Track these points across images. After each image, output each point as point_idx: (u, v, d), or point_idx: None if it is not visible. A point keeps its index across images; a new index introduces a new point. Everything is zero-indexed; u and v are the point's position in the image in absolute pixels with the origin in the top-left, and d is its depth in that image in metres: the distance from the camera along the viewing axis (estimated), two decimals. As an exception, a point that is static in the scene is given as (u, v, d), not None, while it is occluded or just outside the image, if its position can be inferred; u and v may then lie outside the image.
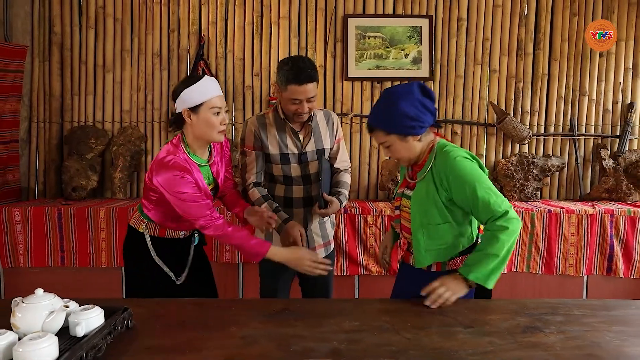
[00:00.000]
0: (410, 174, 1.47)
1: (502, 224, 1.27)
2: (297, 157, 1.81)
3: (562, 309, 1.28)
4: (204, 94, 1.48)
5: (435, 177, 1.34)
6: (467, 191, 1.29)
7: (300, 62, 1.66)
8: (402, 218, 1.49)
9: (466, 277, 1.28)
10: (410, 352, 0.99)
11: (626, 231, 2.67)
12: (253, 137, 1.80)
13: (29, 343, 0.84)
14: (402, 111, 1.30)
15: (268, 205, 1.77)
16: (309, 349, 1.00)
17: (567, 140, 3.24)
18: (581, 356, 0.98)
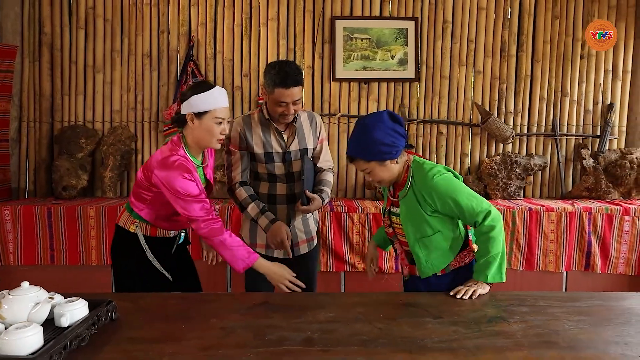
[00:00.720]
0: (392, 193, 1.58)
1: (490, 223, 1.41)
2: (281, 156, 1.87)
3: (529, 300, 1.34)
4: (211, 104, 1.53)
5: (417, 194, 1.46)
6: (451, 204, 1.42)
7: (286, 67, 1.73)
8: (396, 235, 1.58)
9: (485, 282, 1.41)
10: (379, 341, 1.05)
11: (603, 228, 2.76)
12: (238, 137, 1.84)
13: (15, 332, 0.88)
14: (377, 140, 1.42)
15: (255, 206, 1.82)
16: (284, 337, 1.05)
17: (549, 140, 3.33)
18: (538, 343, 1.04)
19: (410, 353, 0.99)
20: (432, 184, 1.42)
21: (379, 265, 1.95)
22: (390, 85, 3.27)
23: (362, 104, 3.28)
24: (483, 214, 1.41)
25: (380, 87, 3.27)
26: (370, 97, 3.27)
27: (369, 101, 3.27)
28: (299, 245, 1.95)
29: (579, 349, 1.02)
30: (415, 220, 1.47)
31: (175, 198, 1.52)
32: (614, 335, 1.10)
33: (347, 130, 3.27)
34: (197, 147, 1.63)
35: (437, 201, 1.42)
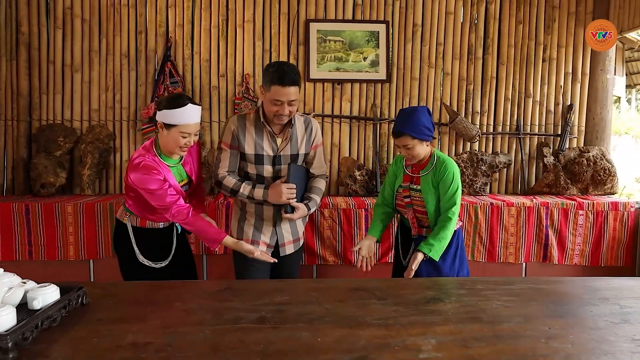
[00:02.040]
0: (411, 171, 1.98)
1: (449, 215, 1.87)
2: (271, 159, 1.88)
3: (468, 284, 1.48)
4: (180, 119, 1.67)
5: (434, 177, 1.91)
6: (447, 187, 1.89)
7: (285, 66, 1.77)
8: (414, 204, 1.97)
9: (428, 254, 1.83)
10: (324, 319, 1.17)
11: (560, 222, 2.93)
12: (231, 136, 1.87)
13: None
14: (424, 124, 1.85)
15: (247, 185, 1.87)
16: (240, 317, 1.17)
17: (513, 138, 3.50)
18: (465, 318, 1.18)
19: (349, 328, 1.11)
20: (448, 176, 1.88)
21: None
22: (363, 86, 3.40)
23: (336, 104, 3.40)
24: (452, 206, 1.87)
25: (353, 87, 3.39)
26: (343, 97, 3.40)
27: (342, 101, 3.40)
28: (284, 245, 1.98)
29: (498, 323, 1.15)
30: (434, 192, 1.91)
31: (147, 194, 1.73)
32: (535, 312, 1.24)
33: (321, 129, 3.38)
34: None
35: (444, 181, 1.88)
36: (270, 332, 1.09)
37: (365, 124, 3.42)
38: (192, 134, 1.72)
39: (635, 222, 2.95)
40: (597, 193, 3.30)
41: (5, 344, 0.92)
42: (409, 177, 1.98)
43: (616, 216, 2.94)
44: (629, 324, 1.16)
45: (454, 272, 2.01)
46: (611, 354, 0.99)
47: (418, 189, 1.93)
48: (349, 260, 2.84)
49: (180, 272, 1.89)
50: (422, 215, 1.97)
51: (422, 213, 1.96)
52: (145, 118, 3.20)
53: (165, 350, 0.98)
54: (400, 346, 1.02)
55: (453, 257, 2.00)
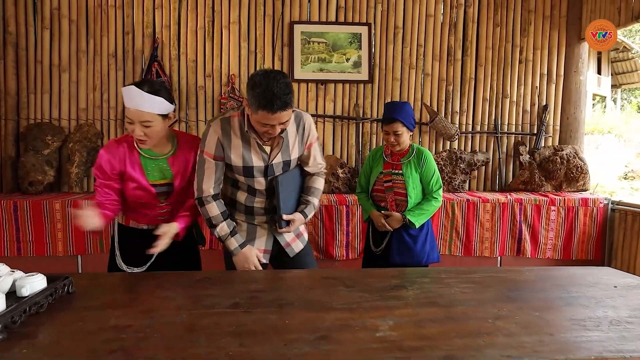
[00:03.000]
0: (392, 159, 2.21)
1: (435, 196, 2.19)
2: (262, 170, 1.66)
3: (432, 274, 1.59)
4: (126, 101, 1.52)
5: (415, 163, 2.17)
6: (431, 174, 2.18)
7: (274, 87, 1.43)
8: (395, 187, 2.19)
9: (413, 222, 2.11)
10: (294, 304, 1.26)
11: (533, 217, 3.07)
12: (215, 145, 1.60)
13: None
14: (412, 115, 2.14)
15: (226, 226, 1.65)
16: (215, 303, 1.26)
17: (491, 137, 3.63)
18: (423, 303, 1.28)
19: (316, 312, 1.21)
20: (429, 161, 2.18)
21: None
22: (346, 86, 3.50)
23: (320, 104, 3.50)
24: (437, 188, 2.19)
25: (336, 88, 3.49)
26: (327, 97, 3.49)
27: (326, 101, 3.50)
28: (290, 245, 1.79)
29: (452, 307, 1.26)
30: (415, 177, 2.16)
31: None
32: (488, 297, 1.35)
33: (305, 128, 3.48)
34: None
35: (427, 169, 2.15)
36: (242, 316, 1.18)
37: (348, 123, 3.52)
38: (137, 123, 1.50)
39: (604, 217, 3.10)
40: (570, 190, 3.44)
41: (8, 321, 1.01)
42: (390, 165, 2.20)
43: (586, 212, 3.08)
44: (571, 307, 1.28)
45: (424, 254, 2.19)
46: (547, 331, 1.10)
47: (400, 173, 2.17)
48: (331, 255, 2.94)
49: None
50: (401, 197, 2.17)
51: (401, 195, 2.17)
52: (133, 117, 3.26)
53: (144, 331, 1.07)
54: (360, 327, 1.12)
55: (424, 241, 2.21)
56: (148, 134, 1.54)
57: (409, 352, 0.99)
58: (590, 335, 1.09)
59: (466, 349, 1.01)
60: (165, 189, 1.66)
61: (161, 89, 1.55)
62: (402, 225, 2.17)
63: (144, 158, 1.63)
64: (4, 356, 0.95)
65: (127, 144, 1.63)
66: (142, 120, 1.51)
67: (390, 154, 2.22)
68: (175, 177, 1.66)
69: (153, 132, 1.55)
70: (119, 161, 1.60)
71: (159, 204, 1.69)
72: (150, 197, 1.65)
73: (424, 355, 0.98)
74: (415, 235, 2.19)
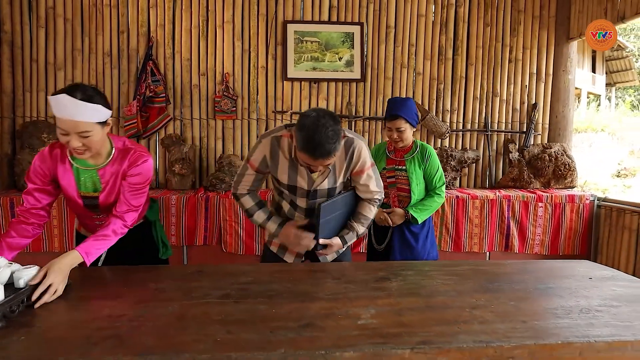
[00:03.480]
0: (395, 155, 2.22)
1: (438, 192, 2.20)
2: (305, 192, 1.68)
3: (417, 267, 1.65)
4: (55, 110, 1.35)
5: (419, 159, 2.18)
6: (435, 170, 2.19)
7: (320, 135, 1.40)
8: (398, 183, 2.20)
9: (416, 218, 2.12)
10: (282, 295, 1.32)
11: (521, 214, 3.13)
12: (260, 160, 1.65)
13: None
14: (415, 112, 2.14)
15: (262, 213, 1.72)
16: (206, 294, 1.31)
17: (481, 135, 3.69)
18: (405, 293, 1.34)
19: (302, 302, 1.26)
20: (433, 157, 2.20)
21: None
22: (338, 85, 3.55)
23: (313, 102, 3.55)
24: (440, 185, 2.20)
25: (329, 86, 3.55)
26: (320, 96, 3.54)
27: (319, 99, 3.55)
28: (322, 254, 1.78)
29: (433, 297, 1.32)
30: (419, 173, 2.18)
31: None
32: (468, 288, 1.41)
33: (298, 126, 3.54)
34: None
35: (431, 165, 2.17)
36: (232, 306, 1.24)
37: (340, 121, 3.56)
38: (74, 134, 1.36)
39: (590, 213, 3.17)
40: (558, 187, 3.51)
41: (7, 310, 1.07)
42: (394, 161, 2.22)
43: (573, 208, 3.15)
44: (545, 297, 1.34)
45: (425, 252, 2.21)
46: (520, 319, 1.17)
47: (403, 169, 2.18)
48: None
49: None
50: (405, 193, 2.19)
51: (404, 191, 2.18)
52: (128, 115, 3.31)
53: (137, 320, 1.13)
54: (344, 315, 1.18)
55: (425, 239, 2.22)
56: (87, 144, 1.39)
57: (388, 338, 1.05)
58: (560, 322, 1.15)
59: (442, 335, 1.07)
60: (92, 202, 1.55)
61: (95, 95, 1.39)
62: (404, 223, 2.16)
63: (76, 168, 1.51)
64: (3, 343, 1.00)
65: (61, 151, 1.50)
66: (79, 131, 1.36)
67: (394, 150, 2.22)
68: (103, 190, 1.53)
69: (92, 142, 1.39)
70: (49, 168, 1.50)
71: (93, 216, 1.60)
72: (80, 209, 1.57)
73: (401, 341, 1.04)
74: (417, 232, 2.19)
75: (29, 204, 1.50)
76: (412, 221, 2.14)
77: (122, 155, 1.54)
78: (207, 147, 3.48)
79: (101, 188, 1.54)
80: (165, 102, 3.37)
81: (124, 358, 0.95)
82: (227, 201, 2.98)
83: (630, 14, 2.94)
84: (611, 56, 19.13)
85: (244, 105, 3.49)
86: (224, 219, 2.97)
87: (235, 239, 2.98)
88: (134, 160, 1.53)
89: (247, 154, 1.75)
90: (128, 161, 1.53)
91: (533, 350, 1.04)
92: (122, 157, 1.54)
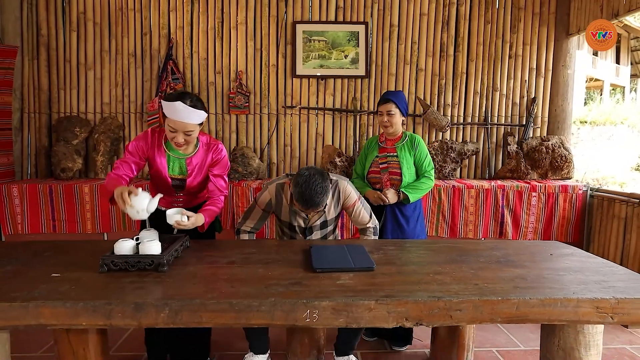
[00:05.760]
0: (386, 144, 2.43)
1: (428, 175, 2.40)
2: (302, 229, 2.04)
3: (399, 243, 1.88)
4: (168, 113, 1.73)
5: (409, 147, 2.39)
6: (424, 157, 2.40)
7: (311, 191, 1.75)
8: (390, 168, 2.40)
9: (408, 196, 2.30)
10: (279, 262, 1.58)
11: (515, 202, 3.31)
12: (266, 202, 2.01)
13: (149, 243, 1.50)
14: (405, 101, 2.41)
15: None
16: (215, 261, 1.59)
17: (481, 128, 3.86)
18: (382, 263, 1.57)
19: (294, 268, 1.52)
20: (422, 145, 2.41)
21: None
22: (344, 81, 3.78)
23: (320, 98, 3.78)
24: (430, 169, 2.41)
25: (335, 83, 3.77)
26: (326, 92, 3.78)
27: (326, 95, 3.78)
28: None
29: (405, 266, 1.55)
30: (409, 159, 2.38)
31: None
32: (438, 259, 1.64)
33: (307, 120, 3.79)
34: None
35: (420, 153, 2.38)
36: (235, 268, 1.51)
37: (346, 115, 3.80)
38: (180, 132, 1.73)
39: (582, 203, 3.32)
40: (555, 178, 3.66)
41: (163, 261, 1.47)
42: (385, 149, 2.43)
43: (566, 197, 3.31)
44: (503, 267, 1.56)
45: (414, 235, 2.40)
46: (473, 282, 1.39)
47: (395, 155, 2.39)
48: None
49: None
50: (396, 176, 2.37)
51: (396, 175, 2.37)
52: (151, 110, 3.63)
53: (159, 277, 1.41)
54: (327, 277, 1.43)
55: (415, 222, 2.42)
56: (188, 140, 1.79)
57: (358, 293, 1.30)
58: (507, 285, 1.38)
59: (404, 292, 1.31)
60: (179, 182, 1.90)
61: (199, 102, 1.78)
62: (397, 205, 2.33)
63: (168, 155, 1.88)
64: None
65: (158, 137, 1.87)
66: (186, 130, 1.74)
67: (385, 140, 2.43)
68: (189, 175, 1.89)
69: (191, 139, 1.80)
70: (147, 147, 1.85)
71: (174, 194, 1.94)
72: (166, 187, 1.91)
73: (369, 295, 1.29)
74: (409, 215, 2.37)
75: (122, 170, 1.81)
76: (404, 201, 2.32)
77: (207, 149, 1.92)
78: (222, 140, 3.76)
79: (187, 173, 1.89)
80: (184, 98, 3.67)
81: (151, 301, 1.23)
82: (240, 189, 3.26)
83: (623, 11, 3.06)
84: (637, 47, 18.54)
85: (256, 100, 3.76)
86: (236, 205, 3.26)
87: (247, 224, 3.27)
88: (215, 152, 1.92)
89: (255, 197, 2.07)
90: (212, 154, 1.92)
91: (477, 304, 1.28)
92: (206, 150, 1.92)
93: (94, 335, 1.81)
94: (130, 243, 1.53)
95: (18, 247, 1.78)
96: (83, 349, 1.80)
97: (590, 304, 1.28)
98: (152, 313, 1.21)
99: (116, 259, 1.47)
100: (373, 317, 1.25)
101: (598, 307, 1.29)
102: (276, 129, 3.78)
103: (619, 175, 9.05)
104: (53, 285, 1.33)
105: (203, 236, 1.94)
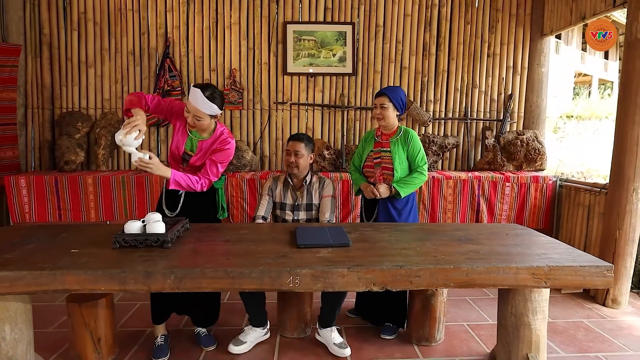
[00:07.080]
0: (381, 139, 2.50)
1: (420, 170, 2.44)
2: (291, 207, 2.46)
3: (375, 226, 2.13)
4: (189, 96, 2.02)
5: (402, 142, 2.44)
6: (417, 151, 2.45)
7: (298, 134, 2.49)
8: (382, 163, 2.47)
9: (399, 191, 2.37)
10: (268, 241, 1.82)
11: (490, 192, 3.57)
12: (268, 187, 2.50)
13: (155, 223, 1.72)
14: (401, 97, 2.44)
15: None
16: (212, 239, 1.82)
17: (461, 123, 4.10)
18: (358, 241, 1.82)
19: (282, 245, 1.76)
20: (415, 139, 2.46)
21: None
22: (333, 79, 4.00)
23: (310, 94, 4.01)
24: (423, 164, 2.45)
25: (324, 80, 4.00)
26: (316, 89, 4.00)
27: (315, 92, 4.00)
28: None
29: (377, 242, 1.80)
30: (402, 154, 2.44)
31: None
32: (406, 238, 1.88)
33: (297, 115, 4.01)
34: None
35: (413, 148, 2.43)
36: (230, 246, 1.75)
37: (334, 111, 4.03)
38: (191, 114, 2.01)
39: (552, 192, 3.59)
40: (529, 169, 3.92)
41: (168, 238, 1.69)
42: (380, 144, 2.50)
43: (537, 187, 3.57)
44: (461, 244, 1.81)
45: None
46: (433, 255, 1.64)
47: (388, 150, 2.45)
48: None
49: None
50: (388, 171, 2.44)
51: (388, 169, 2.44)
52: (149, 106, 3.82)
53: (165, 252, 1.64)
54: (308, 252, 1.67)
55: (407, 215, 2.47)
56: (196, 125, 2.06)
57: (333, 263, 1.54)
58: (461, 257, 1.63)
59: (372, 262, 1.56)
60: (187, 157, 2.18)
61: (217, 97, 2.04)
62: (389, 199, 2.42)
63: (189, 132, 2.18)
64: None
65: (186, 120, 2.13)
66: (196, 114, 2.02)
67: (380, 135, 2.50)
68: (196, 154, 2.16)
69: (200, 124, 2.06)
70: (179, 118, 2.16)
71: (181, 165, 2.20)
72: (177, 157, 2.18)
73: (342, 264, 1.53)
74: (400, 209, 2.44)
75: (155, 98, 2.13)
76: (396, 195, 2.40)
77: (216, 138, 2.16)
78: (217, 134, 3.97)
79: (195, 152, 2.17)
80: (181, 95, 3.88)
81: (159, 269, 1.46)
82: (234, 180, 3.48)
83: (589, 14, 3.31)
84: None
85: (249, 97, 3.98)
86: (231, 195, 3.49)
87: (241, 212, 3.50)
88: (221, 142, 2.16)
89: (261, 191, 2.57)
90: (218, 143, 2.15)
91: (433, 272, 1.52)
92: (216, 138, 2.16)
93: (103, 310, 2.05)
94: (138, 224, 1.76)
95: (37, 229, 2.00)
96: (94, 321, 2.04)
97: (527, 271, 1.53)
98: (160, 279, 1.45)
99: (127, 237, 1.70)
100: (346, 283, 1.49)
101: (534, 274, 1.54)
102: (268, 124, 4.01)
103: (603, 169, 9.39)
104: (73, 259, 1.56)
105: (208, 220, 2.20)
